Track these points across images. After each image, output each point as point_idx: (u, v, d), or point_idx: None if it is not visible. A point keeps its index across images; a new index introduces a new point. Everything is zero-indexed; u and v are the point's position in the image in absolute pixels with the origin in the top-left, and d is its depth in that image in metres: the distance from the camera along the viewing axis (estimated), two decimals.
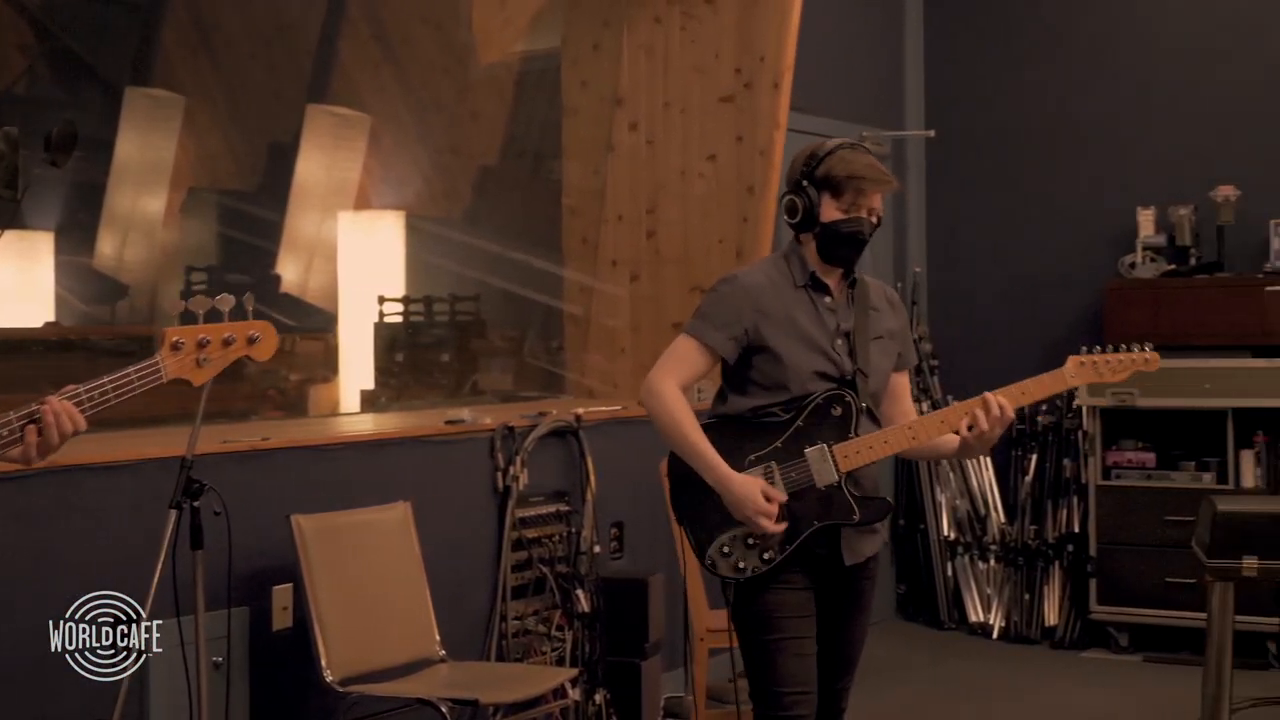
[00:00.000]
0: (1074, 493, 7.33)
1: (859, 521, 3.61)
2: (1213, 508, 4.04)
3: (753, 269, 3.76)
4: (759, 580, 3.58)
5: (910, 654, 7.14)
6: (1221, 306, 6.97)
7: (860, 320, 3.68)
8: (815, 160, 3.65)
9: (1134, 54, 7.76)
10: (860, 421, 3.62)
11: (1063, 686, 6.60)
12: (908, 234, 8.09)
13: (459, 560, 5.10)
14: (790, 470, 3.59)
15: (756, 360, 3.63)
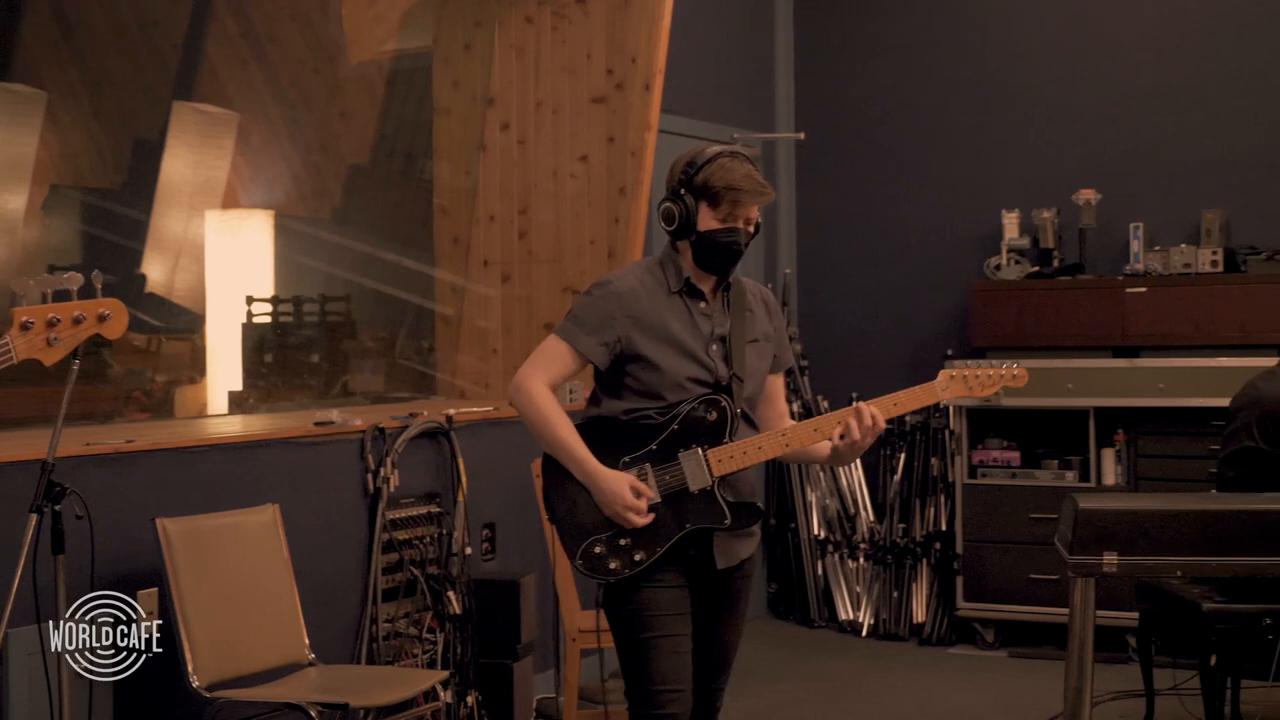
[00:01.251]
0: (941, 491, 7.43)
1: (730, 526, 3.63)
2: (1074, 505, 4.11)
3: (627, 273, 3.75)
4: (635, 578, 3.58)
5: (781, 652, 7.19)
6: (1083, 308, 7.10)
7: (736, 324, 3.70)
8: (694, 168, 3.65)
9: (999, 60, 7.88)
10: (736, 427, 3.63)
11: (930, 682, 6.68)
12: (778, 236, 8.15)
13: (328, 563, 5.05)
14: (664, 473, 3.59)
15: (630, 367, 3.62)
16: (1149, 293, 6.97)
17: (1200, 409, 6.58)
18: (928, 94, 8.02)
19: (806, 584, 7.77)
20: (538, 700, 5.83)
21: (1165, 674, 5.71)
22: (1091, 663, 4.09)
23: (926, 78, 8.03)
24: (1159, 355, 6.90)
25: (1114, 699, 6.02)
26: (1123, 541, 4.02)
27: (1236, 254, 7.04)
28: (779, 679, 6.66)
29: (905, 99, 8.08)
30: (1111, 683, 6.08)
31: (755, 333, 3.74)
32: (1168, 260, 7.08)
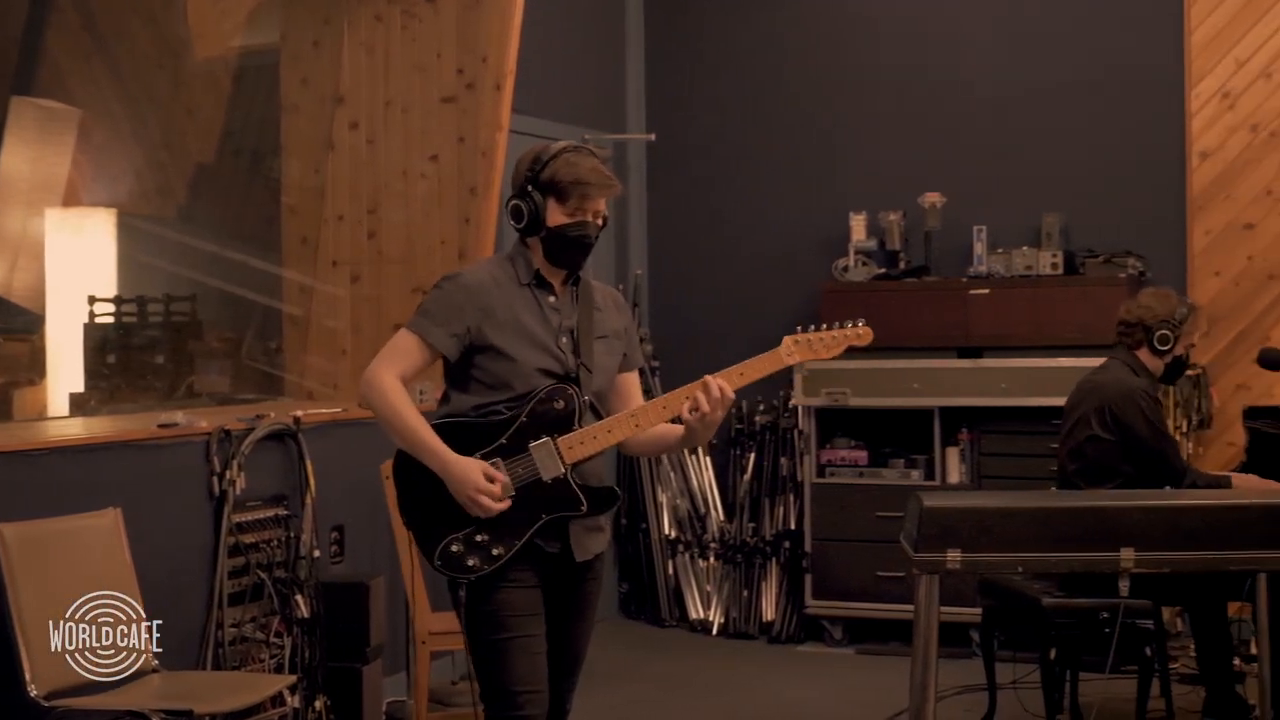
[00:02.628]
0: (790, 491, 7.51)
1: (587, 511, 3.63)
2: (919, 504, 4.16)
3: (476, 267, 3.76)
4: (487, 579, 3.56)
5: (632, 652, 7.21)
6: (929, 309, 7.21)
7: (584, 319, 3.71)
8: (540, 164, 3.66)
9: (848, 64, 7.98)
10: (584, 416, 3.64)
11: (780, 680, 6.74)
12: (629, 236, 8.17)
13: (172, 567, 4.96)
14: (516, 465, 3.59)
15: (480, 359, 3.62)
16: (991, 294, 7.10)
17: (1041, 408, 6.72)
18: (777, 96, 8.10)
19: (657, 584, 7.80)
20: (388, 704, 5.79)
21: (1007, 668, 5.82)
22: (936, 658, 4.15)
23: (776, 80, 8.10)
24: (1001, 356, 7.03)
25: (958, 693, 6.12)
26: (966, 539, 4.08)
27: (1075, 257, 7.21)
28: (630, 679, 6.68)
29: (755, 101, 8.15)
30: (955, 677, 6.18)
31: (604, 329, 3.75)
32: (1009, 262, 7.22)
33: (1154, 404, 5.43)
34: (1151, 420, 5.36)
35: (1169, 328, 5.48)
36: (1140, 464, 5.37)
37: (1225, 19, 7.25)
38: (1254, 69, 7.22)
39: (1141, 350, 5.54)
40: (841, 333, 3.79)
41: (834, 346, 3.80)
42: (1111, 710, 5.62)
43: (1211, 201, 7.29)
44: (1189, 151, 7.32)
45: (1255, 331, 7.18)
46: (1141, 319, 5.52)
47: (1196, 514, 4.14)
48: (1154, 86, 7.40)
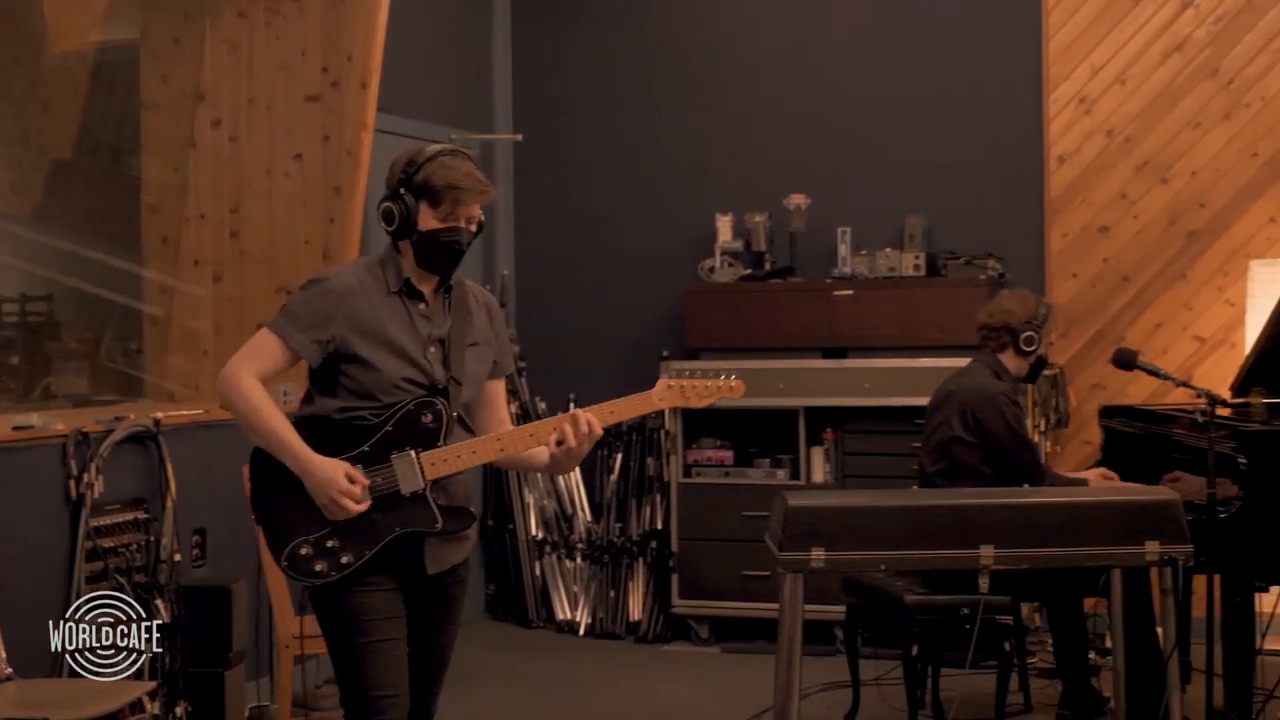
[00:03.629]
0: (657, 491, 7.53)
1: (441, 531, 3.61)
2: (784, 503, 4.20)
3: (345, 270, 3.69)
4: (343, 583, 3.53)
5: (499, 653, 7.18)
6: (794, 309, 7.26)
7: (456, 327, 3.67)
8: (414, 167, 3.61)
9: (714, 66, 8.02)
10: (451, 430, 3.61)
11: (647, 679, 6.76)
12: (496, 237, 8.15)
13: (27, 573, 4.85)
14: (375, 475, 3.55)
15: (345, 367, 3.57)
16: (855, 295, 7.18)
17: (904, 408, 6.81)
18: (644, 97, 8.12)
19: (524, 585, 7.78)
20: (250, 708, 5.71)
21: (871, 665, 5.90)
22: (800, 656, 4.19)
23: (643, 81, 8.13)
24: (865, 356, 7.11)
25: (822, 690, 6.18)
26: (829, 538, 4.12)
27: (937, 258, 7.31)
28: (497, 680, 6.66)
29: (622, 102, 8.16)
30: (820, 674, 6.24)
31: (475, 336, 3.72)
32: (873, 264, 7.31)
33: (1015, 408, 5.53)
34: (1012, 425, 5.46)
35: (1033, 329, 5.58)
36: (1001, 467, 5.47)
37: (1082, 26, 7.41)
38: (1109, 75, 7.38)
39: (1005, 353, 5.64)
40: (715, 384, 3.82)
41: (706, 396, 3.82)
42: (972, 704, 5.72)
43: (1069, 204, 7.44)
44: (1047, 155, 7.47)
45: (1111, 332, 7.34)
46: (1006, 322, 5.62)
47: (1053, 511, 4.22)
48: (1013, 91, 7.53)
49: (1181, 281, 7.29)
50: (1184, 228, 7.28)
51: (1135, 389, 7.08)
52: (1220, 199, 7.23)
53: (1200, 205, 7.26)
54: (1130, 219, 7.36)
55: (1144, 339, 7.25)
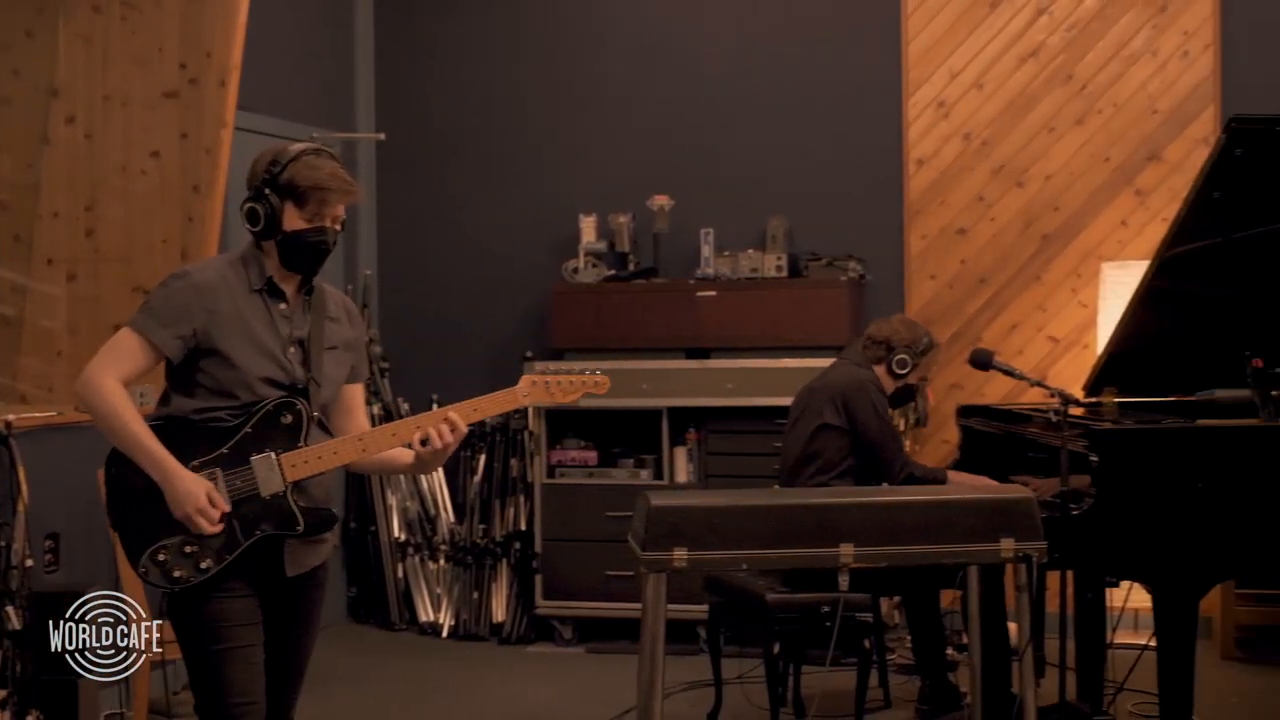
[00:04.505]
0: (520, 491, 7.52)
1: (302, 532, 3.57)
2: (646, 503, 4.21)
3: (207, 266, 3.65)
4: (201, 588, 3.48)
5: (361, 657, 7.13)
6: (657, 310, 7.30)
7: (316, 329, 3.64)
8: (278, 166, 3.58)
9: (578, 66, 8.03)
10: (311, 431, 3.58)
11: (511, 681, 6.75)
12: (358, 237, 8.08)
13: None
14: (235, 477, 3.51)
15: (204, 363, 3.52)
16: (719, 296, 7.23)
17: (766, 407, 6.87)
18: (508, 96, 8.10)
19: (386, 587, 7.73)
20: (105, 716, 5.60)
21: (734, 663, 5.94)
22: (663, 655, 4.20)
23: (507, 80, 8.11)
24: (728, 356, 7.16)
25: (685, 689, 6.21)
26: (692, 537, 4.13)
27: (799, 259, 7.39)
28: (360, 684, 6.60)
29: (486, 100, 8.14)
30: (683, 673, 6.28)
31: (335, 340, 3.70)
32: (736, 265, 7.36)
33: (882, 396, 5.66)
34: (879, 412, 5.58)
35: (909, 353, 5.71)
36: (864, 455, 5.56)
37: (940, 31, 7.52)
38: (967, 80, 7.50)
39: (879, 366, 5.75)
40: (580, 379, 3.81)
41: (571, 392, 3.81)
42: (832, 701, 5.78)
43: (927, 207, 7.56)
44: (906, 158, 7.58)
45: (968, 333, 7.47)
46: (888, 339, 5.75)
47: (912, 510, 4.28)
48: (873, 95, 7.63)
49: (1036, 283, 7.44)
50: (1039, 231, 7.43)
51: (992, 389, 7.21)
52: (1073, 203, 7.39)
53: (1054, 209, 7.41)
54: (987, 221, 7.49)
55: (1000, 339, 7.39)
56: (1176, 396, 5.35)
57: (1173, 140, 7.28)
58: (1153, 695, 4.96)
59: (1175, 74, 7.28)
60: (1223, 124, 5.88)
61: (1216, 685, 6.14)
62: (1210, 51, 7.24)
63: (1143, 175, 7.32)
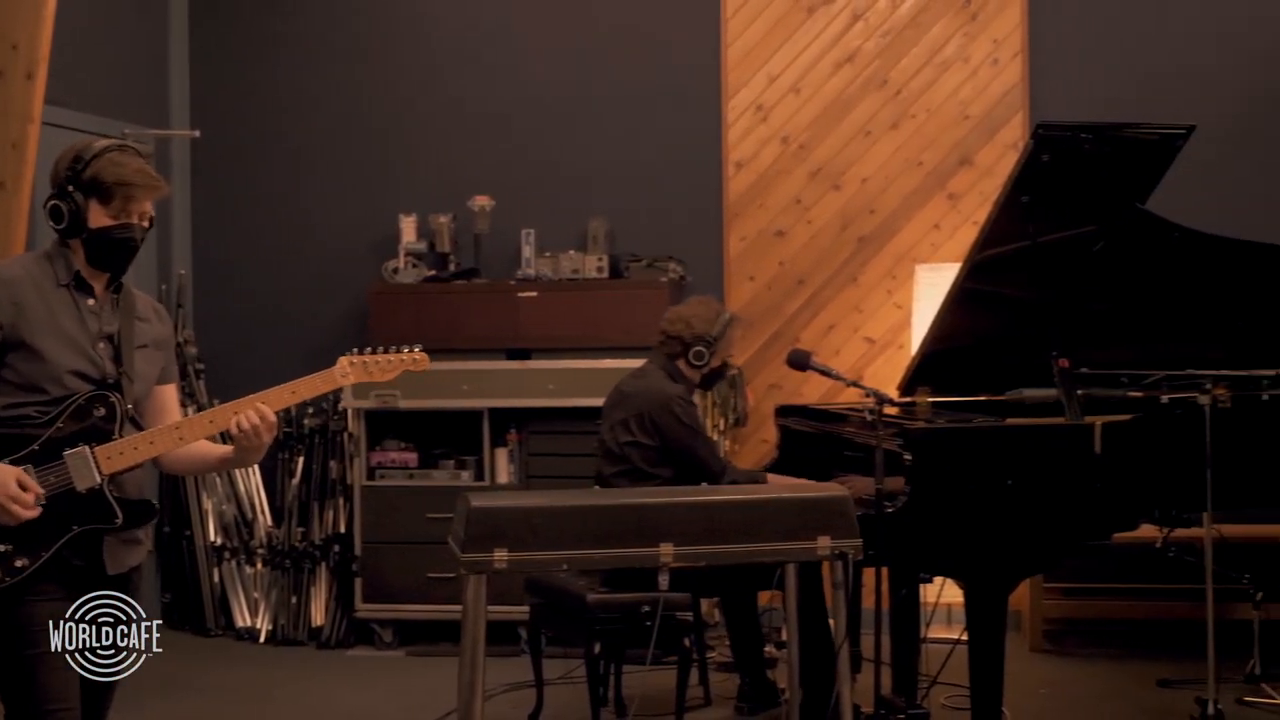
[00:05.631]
0: (340, 494, 7.44)
1: (122, 525, 3.50)
2: (466, 504, 4.19)
3: (12, 262, 3.60)
4: (13, 592, 3.39)
5: (177, 663, 6.97)
6: (478, 311, 7.28)
7: (126, 326, 3.58)
8: (81, 163, 3.51)
9: (399, 65, 7.97)
10: (124, 425, 3.52)
11: (330, 685, 6.68)
12: (172, 235, 7.91)
13: None
14: (48, 474, 3.43)
15: (11, 358, 3.44)
16: (540, 297, 7.23)
17: (587, 408, 6.87)
18: (327, 94, 8.02)
19: (202, 592, 7.59)
20: None
21: (556, 664, 5.95)
22: (483, 657, 4.19)
23: (326, 78, 8.02)
24: (549, 357, 7.17)
25: (506, 691, 6.20)
26: (512, 538, 4.13)
27: (620, 260, 7.42)
28: (176, 691, 6.47)
29: (305, 98, 8.04)
30: (505, 675, 6.26)
31: (146, 338, 3.64)
32: (557, 266, 7.37)
33: (690, 406, 5.68)
34: (688, 424, 5.60)
35: (704, 344, 5.74)
36: (679, 466, 5.59)
37: (758, 35, 7.61)
38: (785, 84, 7.60)
39: (680, 360, 5.78)
40: (398, 357, 3.78)
41: (389, 370, 3.78)
42: (653, 700, 5.81)
43: (746, 209, 7.64)
44: (725, 161, 7.65)
45: (787, 333, 7.57)
46: (680, 334, 5.76)
47: (730, 510, 4.32)
48: (693, 97, 7.69)
49: (853, 285, 7.57)
50: (855, 233, 7.56)
51: (810, 388, 7.31)
52: (888, 206, 7.53)
53: (870, 211, 7.54)
54: (804, 224, 7.60)
55: (818, 340, 7.50)
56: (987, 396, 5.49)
57: (984, 145, 7.46)
58: (965, 688, 5.07)
59: (986, 81, 7.46)
60: (1031, 130, 6.06)
61: (1025, 677, 6.30)
62: (1019, 59, 7.43)
63: (955, 179, 7.48)
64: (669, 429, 5.58)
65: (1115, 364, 5.50)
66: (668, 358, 5.80)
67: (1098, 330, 5.66)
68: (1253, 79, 7.28)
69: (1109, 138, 5.29)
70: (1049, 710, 5.99)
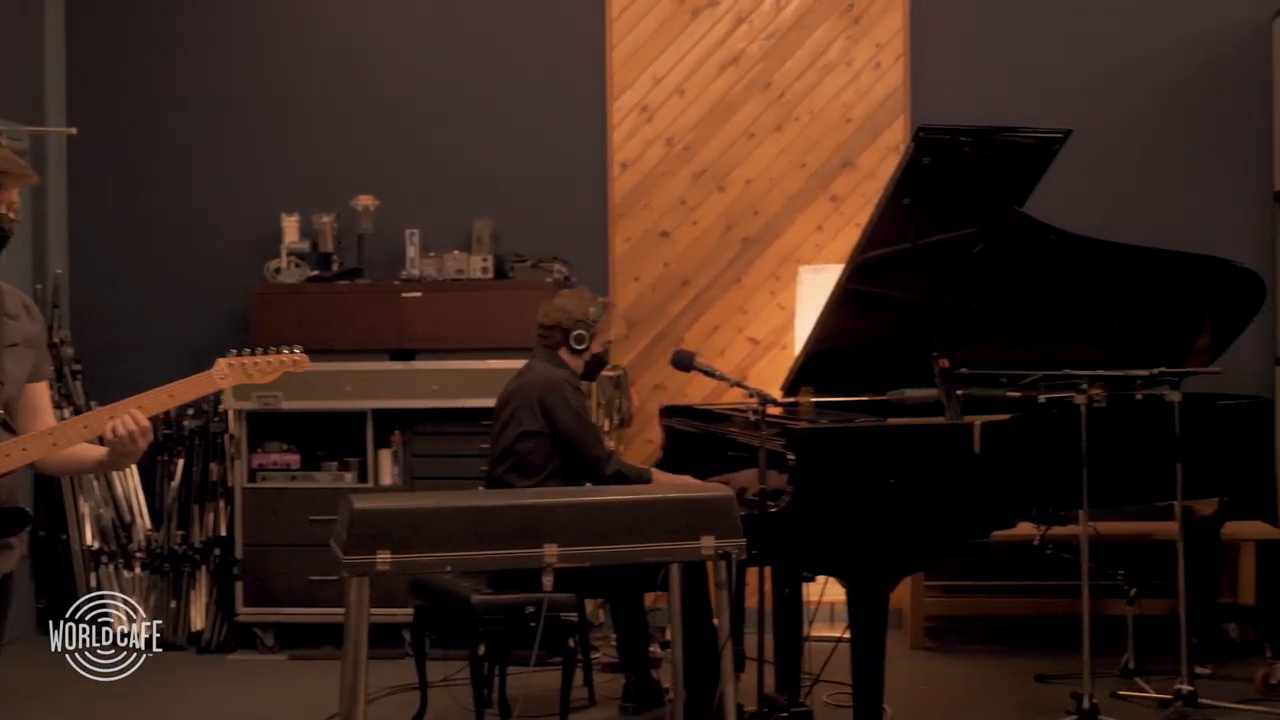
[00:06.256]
0: (221, 496, 7.35)
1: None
2: (349, 506, 4.17)
3: None
4: None
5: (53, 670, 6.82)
6: (362, 311, 7.22)
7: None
8: None
9: (281, 63, 7.89)
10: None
11: (211, 690, 6.59)
12: (47, 234, 7.77)
13: None
14: None
15: None
16: (424, 298, 7.19)
17: (472, 409, 6.87)
18: (209, 92, 7.92)
19: (79, 597, 7.45)
20: None
21: (441, 666, 5.92)
22: (366, 660, 4.16)
23: (208, 75, 7.92)
24: (434, 358, 7.14)
25: (390, 694, 6.16)
26: (396, 540, 4.11)
27: (505, 261, 7.41)
28: (51, 700, 6.35)
29: (186, 96, 7.93)
30: (388, 677, 6.23)
31: (16, 336, 3.56)
32: (442, 266, 7.34)
33: (578, 393, 5.71)
34: (576, 409, 5.64)
35: (583, 327, 5.76)
36: (568, 453, 5.60)
37: (643, 37, 7.63)
38: (669, 85, 7.63)
39: (562, 350, 5.80)
40: (277, 358, 3.73)
41: (269, 372, 3.73)
42: (538, 701, 5.80)
43: (631, 210, 7.66)
44: (610, 162, 7.67)
45: (671, 334, 7.60)
46: (558, 322, 5.79)
47: (614, 509, 4.33)
48: (579, 98, 7.70)
49: (737, 286, 7.61)
50: (739, 234, 7.60)
51: (694, 389, 7.34)
52: (772, 207, 7.58)
53: (754, 213, 7.59)
54: (689, 225, 7.63)
55: (702, 340, 7.53)
56: (870, 396, 5.54)
57: (866, 148, 7.54)
58: (847, 685, 5.12)
59: (868, 84, 7.54)
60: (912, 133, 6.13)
61: (906, 673, 6.38)
62: (901, 63, 7.52)
63: (838, 181, 7.55)
64: (558, 412, 5.60)
65: (995, 364, 5.57)
66: (549, 349, 5.82)
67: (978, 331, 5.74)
68: (1133, 82, 7.42)
69: (988, 141, 5.38)
70: (929, 706, 6.07)
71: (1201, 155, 7.39)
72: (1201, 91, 7.39)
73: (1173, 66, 7.40)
